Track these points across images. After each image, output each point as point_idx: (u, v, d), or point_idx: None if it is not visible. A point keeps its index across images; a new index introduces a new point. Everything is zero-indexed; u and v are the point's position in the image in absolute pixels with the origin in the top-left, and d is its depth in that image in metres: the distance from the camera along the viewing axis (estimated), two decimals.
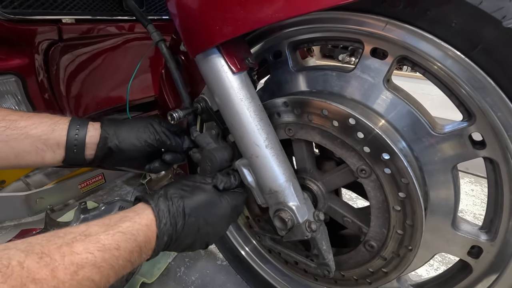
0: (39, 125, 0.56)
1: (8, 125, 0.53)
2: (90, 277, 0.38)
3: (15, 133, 0.53)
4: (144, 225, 0.48)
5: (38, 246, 0.36)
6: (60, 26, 0.76)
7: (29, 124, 0.55)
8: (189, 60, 0.75)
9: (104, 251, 0.41)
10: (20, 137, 0.54)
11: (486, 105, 0.46)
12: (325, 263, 0.63)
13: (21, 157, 0.55)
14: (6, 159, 0.54)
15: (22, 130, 0.54)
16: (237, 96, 0.57)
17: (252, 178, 0.61)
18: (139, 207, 0.51)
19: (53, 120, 0.58)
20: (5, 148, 0.53)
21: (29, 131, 0.55)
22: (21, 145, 0.54)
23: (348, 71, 0.61)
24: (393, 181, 0.54)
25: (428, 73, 0.53)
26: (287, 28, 0.65)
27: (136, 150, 0.64)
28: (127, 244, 0.44)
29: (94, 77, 0.94)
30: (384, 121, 0.58)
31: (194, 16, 0.54)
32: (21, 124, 0.54)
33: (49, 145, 0.56)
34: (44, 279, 0.34)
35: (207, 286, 1.12)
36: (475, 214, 1.63)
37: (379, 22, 0.51)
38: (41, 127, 0.56)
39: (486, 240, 0.56)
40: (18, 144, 0.54)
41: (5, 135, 0.53)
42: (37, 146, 0.55)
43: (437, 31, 0.46)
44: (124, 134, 0.63)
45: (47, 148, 0.57)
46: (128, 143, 0.63)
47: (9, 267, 0.32)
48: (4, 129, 0.53)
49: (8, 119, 0.54)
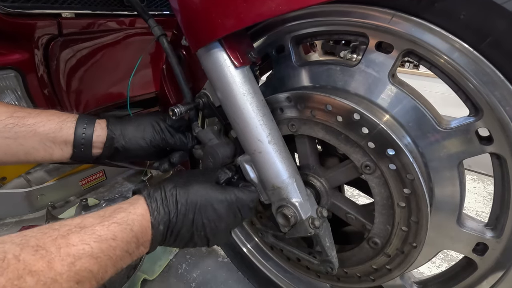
0: (47, 123, 0.57)
1: (17, 122, 0.54)
2: (88, 268, 0.38)
3: (23, 130, 0.54)
4: (139, 214, 0.47)
5: (33, 239, 0.36)
6: (60, 20, 0.75)
7: (37, 122, 0.56)
8: (190, 55, 0.74)
9: (100, 242, 0.40)
10: (28, 134, 0.55)
11: (495, 99, 0.45)
12: (328, 260, 0.63)
13: (30, 154, 0.56)
14: (16, 155, 0.55)
15: (30, 128, 0.55)
16: (239, 91, 0.56)
17: (254, 174, 0.61)
18: (134, 198, 0.51)
19: (60, 118, 0.58)
20: (14, 145, 0.54)
21: (37, 129, 0.55)
22: (30, 142, 0.55)
23: (352, 66, 0.60)
24: (398, 177, 0.54)
25: (434, 67, 0.52)
26: (290, 21, 0.64)
27: (142, 149, 0.66)
28: (123, 234, 0.44)
29: (94, 72, 0.93)
30: (389, 116, 0.57)
31: (196, 9, 0.53)
32: (29, 122, 0.55)
33: (57, 143, 0.57)
34: (41, 271, 0.34)
35: (208, 283, 1.12)
36: (477, 211, 1.62)
37: (385, 14, 0.50)
38: (49, 125, 0.57)
39: (491, 237, 0.55)
40: (26, 141, 0.55)
41: (13, 132, 0.54)
42: (45, 144, 0.56)
43: (444, 24, 0.45)
44: (131, 134, 0.64)
45: (55, 146, 0.58)
46: (134, 143, 0.64)
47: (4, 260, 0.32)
48: (12, 126, 0.54)
49: (16, 116, 0.55)
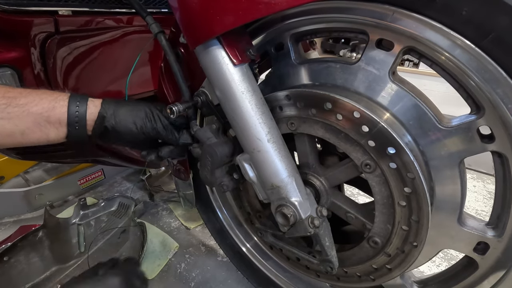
0: (39, 102, 0.56)
1: (9, 102, 0.54)
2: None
3: (16, 111, 0.54)
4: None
5: None
6: (57, 18, 0.74)
7: (29, 101, 0.55)
8: (189, 52, 0.73)
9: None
10: (21, 114, 0.54)
11: (497, 97, 0.45)
12: (328, 260, 0.62)
13: (26, 134, 0.56)
14: (12, 136, 0.55)
15: (23, 108, 0.54)
16: (238, 89, 0.55)
17: (253, 173, 0.60)
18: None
19: (52, 97, 0.58)
20: (9, 125, 0.54)
21: (30, 109, 0.55)
22: (24, 122, 0.55)
23: (352, 63, 0.59)
24: (398, 176, 0.53)
25: (435, 64, 0.52)
26: (290, 19, 0.63)
27: (131, 134, 0.64)
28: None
29: (91, 71, 0.92)
30: (389, 114, 0.56)
31: (194, 6, 0.52)
32: (21, 102, 0.55)
33: (51, 122, 0.57)
34: None
35: (207, 282, 1.12)
36: (477, 210, 1.62)
37: (385, 11, 0.50)
38: (41, 104, 0.56)
39: (493, 236, 0.55)
40: (21, 122, 0.54)
41: (6, 112, 0.53)
42: (40, 124, 0.56)
43: (446, 20, 0.45)
44: (122, 116, 0.63)
45: (50, 126, 0.57)
46: (124, 126, 0.63)
47: None
48: (5, 106, 0.53)
49: (8, 96, 0.54)
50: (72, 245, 1.17)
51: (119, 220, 1.28)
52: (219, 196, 0.98)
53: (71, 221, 1.19)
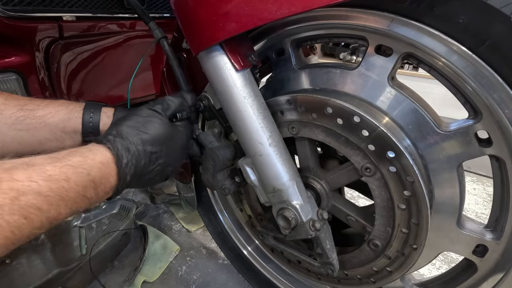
0: (56, 114, 0.59)
1: (27, 114, 0.57)
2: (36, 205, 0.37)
3: (34, 122, 0.57)
4: (99, 162, 0.46)
5: None
6: (61, 23, 0.75)
7: (46, 113, 0.58)
8: (191, 57, 0.74)
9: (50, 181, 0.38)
10: (39, 125, 0.57)
11: (493, 102, 0.46)
12: (328, 262, 0.63)
13: (43, 144, 0.59)
14: (31, 146, 0.58)
15: (40, 119, 0.58)
16: (240, 94, 0.56)
17: (255, 176, 0.61)
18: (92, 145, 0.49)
19: (68, 108, 0.61)
20: (27, 136, 0.57)
21: (47, 120, 0.58)
22: (42, 133, 0.58)
23: (352, 69, 0.60)
24: (398, 180, 0.54)
25: (433, 70, 0.53)
26: (291, 25, 0.64)
27: None
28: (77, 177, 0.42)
29: (95, 75, 0.93)
30: (388, 118, 0.57)
31: (197, 12, 0.53)
32: (39, 114, 0.58)
33: (67, 132, 0.60)
34: None
35: (208, 285, 1.12)
36: (477, 212, 1.62)
37: (384, 18, 0.51)
38: (58, 116, 0.59)
39: (491, 238, 0.55)
40: (39, 133, 0.58)
41: (25, 124, 0.56)
42: (56, 134, 0.59)
43: (443, 27, 0.46)
44: None
45: (66, 135, 0.60)
46: None
47: None
48: (23, 118, 0.56)
49: (26, 109, 0.57)
50: (73, 248, 1.17)
51: (120, 223, 1.29)
52: (220, 199, 0.99)
53: (72, 223, 1.19)
